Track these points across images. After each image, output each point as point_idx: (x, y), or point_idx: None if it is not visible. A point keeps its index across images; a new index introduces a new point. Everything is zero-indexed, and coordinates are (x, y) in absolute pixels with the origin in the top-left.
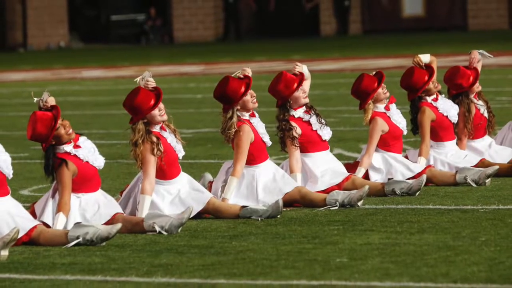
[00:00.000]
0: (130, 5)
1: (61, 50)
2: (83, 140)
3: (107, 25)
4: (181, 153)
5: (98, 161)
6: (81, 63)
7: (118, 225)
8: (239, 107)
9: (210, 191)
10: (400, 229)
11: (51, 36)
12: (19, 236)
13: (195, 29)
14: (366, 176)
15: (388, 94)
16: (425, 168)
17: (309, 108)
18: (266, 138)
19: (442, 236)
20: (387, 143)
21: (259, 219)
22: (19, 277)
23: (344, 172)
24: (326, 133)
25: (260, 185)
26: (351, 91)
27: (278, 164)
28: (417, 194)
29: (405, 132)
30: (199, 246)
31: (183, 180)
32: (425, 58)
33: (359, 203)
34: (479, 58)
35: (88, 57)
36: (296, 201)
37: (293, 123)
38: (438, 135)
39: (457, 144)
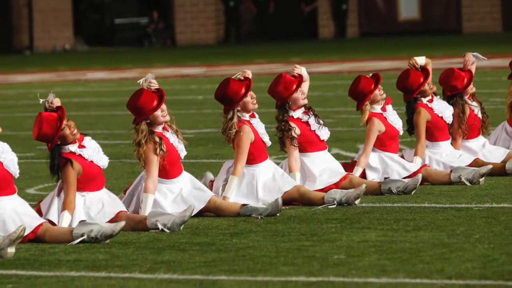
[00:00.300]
0: (134, 9)
1: (66, 52)
2: (87, 140)
3: (111, 28)
4: (183, 152)
5: (102, 160)
6: (86, 65)
7: (122, 223)
8: (239, 108)
9: (211, 189)
10: (396, 227)
11: (57, 39)
12: (26, 233)
13: (197, 32)
14: (363, 175)
15: (384, 95)
16: (421, 168)
17: (308, 109)
18: (266, 138)
19: (437, 233)
20: (383, 143)
21: (259, 217)
22: (26, 273)
23: (341, 172)
24: (324, 133)
25: (260, 184)
26: (349, 92)
27: (278, 164)
28: (413, 192)
29: (401, 133)
30: (200, 244)
31: (185, 179)
32: (420, 60)
33: (356, 202)
34: (473, 60)
35: (93, 60)
36: (295, 200)
37: (292, 124)
38: (433, 135)
39: (451, 144)
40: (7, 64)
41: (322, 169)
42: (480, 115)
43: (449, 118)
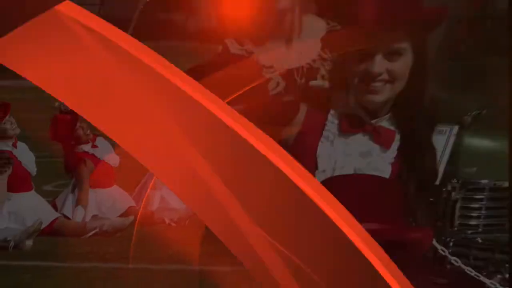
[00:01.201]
0: None
1: None
2: (100, 140)
3: None
4: None
5: (113, 159)
6: None
7: (131, 218)
8: None
9: None
10: None
11: None
12: (42, 227)
13: None
14: None
15: None
16: None
17: None
18: None
19: None
20: None
21: None
22: (42, 264)
23: None
24: None
25: None
26: None
27: None
28: None
29: None
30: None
31: None
32: None
33: None
34: None
35: None
36: None
37: None
38: None
39: None
40: None
41: None
42: None
43: None
